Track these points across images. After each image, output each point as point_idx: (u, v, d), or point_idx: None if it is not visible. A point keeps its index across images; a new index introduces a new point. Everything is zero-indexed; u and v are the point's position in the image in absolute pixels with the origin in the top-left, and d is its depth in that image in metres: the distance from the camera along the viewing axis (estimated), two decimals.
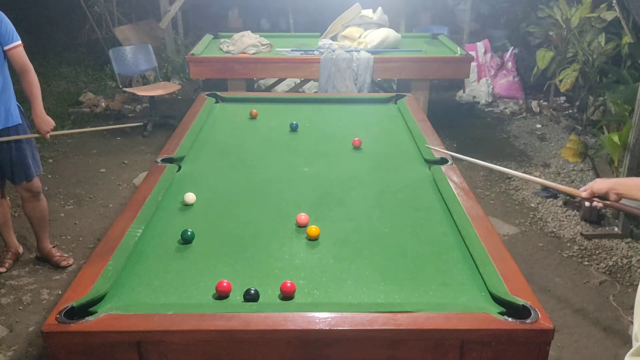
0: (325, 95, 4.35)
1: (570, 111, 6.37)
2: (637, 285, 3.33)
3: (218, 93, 3.90)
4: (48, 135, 3.21)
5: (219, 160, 2.91)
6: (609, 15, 5.50)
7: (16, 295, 3.26)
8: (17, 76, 3.13)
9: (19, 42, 3.08)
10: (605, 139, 4.39)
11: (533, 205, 4.34)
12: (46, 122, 3.17)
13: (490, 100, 6.73)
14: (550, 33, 6.34)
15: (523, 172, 4.84)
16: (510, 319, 1.61)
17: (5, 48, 3.04)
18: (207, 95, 3.83)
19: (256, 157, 2.94)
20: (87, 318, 1.60)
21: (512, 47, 6.94)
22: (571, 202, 4.27)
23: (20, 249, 3.62)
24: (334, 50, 4.87)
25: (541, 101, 6.67)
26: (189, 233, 2.08)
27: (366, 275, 1.89)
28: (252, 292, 1.73)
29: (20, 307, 3.17)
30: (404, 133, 3.29)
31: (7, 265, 3.47)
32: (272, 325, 1.59)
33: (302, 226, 2.19)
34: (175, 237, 2.11)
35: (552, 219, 4.12)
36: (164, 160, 2.76)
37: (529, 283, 1.81)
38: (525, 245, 3.81)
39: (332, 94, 4.57)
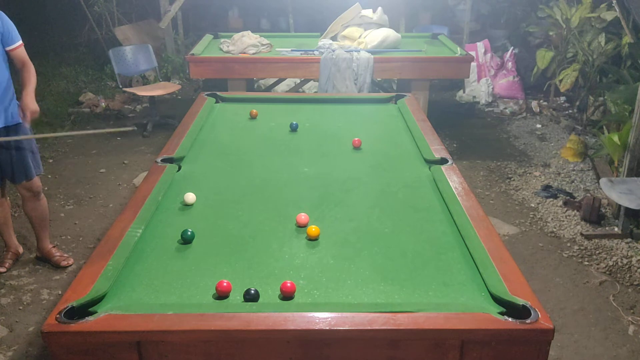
0: (325, 95, 4.35)
1: (570, 111, 6.37)
2: (637, 285, 3.34)
3: (218, 93, 3.90)
4: (29, 117, 3.08)
5: (219, 160, 2.90)
6: (609, 15, 5.51)
7: (16, 295, 3.26)
8: (16, 76, 3.14)
9: (20, 41, 3.13)
10: (605, 139, 4.39)
11: (533, 205, 4.34)
12: (34, 104, 3.08)
13: (490, 100, 6.73)
14: (550, 33, 6.35)
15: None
16: (510, 319, 1.60)
17: (8, 48, 3.07)
18: (207, 95, 3.83)
19: (256, 157, 2.94)
20: (87, 318, 1.60)
21: (512, 47, 6.94)
22: (571, 202, 4.27)
23: (20, 249, 3.62)
24: (334, 50, 4.87)
25: (541, 101, 6.67)
26: (189, 233, 2.07)
27: (366, 275, 1.89)
28: (252, 292, 1.73)
29: (20, 307, 3.17)
30: (404, 133, 3.29)
31: (7, 265, 3.47)
32: (272, 325, 1.59)
33: (302, 226, 2.19)
34: (175, 237, 2.11)
35: (552, 219, 4.12)
36: (164, 160, 2.76)
37: (529, 283, 1.81)
38: (525, 245, 3.81)
39: (332, 94, 4.58)
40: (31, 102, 3.11)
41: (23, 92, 3.14)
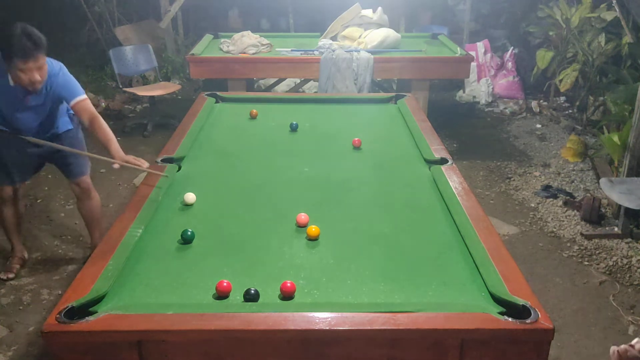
0: (325, 95, 4.35)
1: (570, 111, 6.37)
2: (637, 285, 3.34)
3: (218, 93, 3.90)
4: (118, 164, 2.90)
5: (219, 160, 2.91)
6: (609, 15, 5.50)
7: (16, 295, 3.26)
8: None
9: (84, 95, 3.04)
10: (605, 139, 4.39)
11: (533, 205, 4.34)
12: (124, 157, 2.94)
13: (490, 100, 6.73)
14: (550, 33, 6.34)
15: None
16: (510, 319, 1.61)
17: (71, 104, 3.03)
18: (207, 95, 3.83)
19: (256, 157, 2.94)
20: (87, 318, 1.60)
21: (512, 47, 6.94)
22: (571, 202, 4.27)
23: (26, 254, 3.56)
24: (334, 50, 4.87)
25: (541, 101, 6.67)
26: (189, 233, 2.08)
27: (366, 275, 1.89)
28: (252, 292, 1.73)
29: (20, 307, 3.17)
30: (404, 133, 3.29)
31: (14, 271, 3.43)
32: (273, 325, 1.59)
33: (302, 226, 2.19)
34: (175, 237, 2.11)
35: (552, 219, 4.12)
36: (164, 160, 2.76)
37: (529, 283, 1.82)
38: (525, 245, 3.81)
39: (332, 94, 4.57)
40: (122, 157, 2.91)
41: (110, 151, 2.99)
